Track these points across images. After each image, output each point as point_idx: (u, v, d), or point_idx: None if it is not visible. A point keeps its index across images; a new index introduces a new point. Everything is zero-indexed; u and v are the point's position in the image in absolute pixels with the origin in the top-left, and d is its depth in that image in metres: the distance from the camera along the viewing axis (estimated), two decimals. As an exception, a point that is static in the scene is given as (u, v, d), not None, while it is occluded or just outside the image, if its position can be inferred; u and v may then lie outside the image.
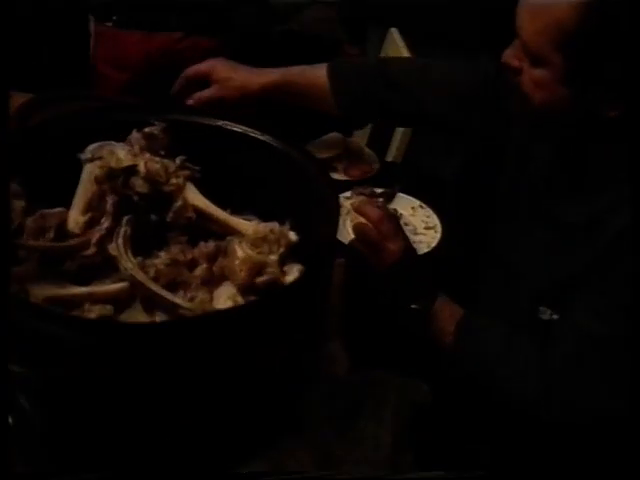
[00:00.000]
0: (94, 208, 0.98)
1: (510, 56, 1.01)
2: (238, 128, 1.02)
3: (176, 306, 0.90)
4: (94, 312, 0.88)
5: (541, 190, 1.10)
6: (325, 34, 2.65)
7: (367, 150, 1.55)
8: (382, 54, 1.85)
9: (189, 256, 1.01)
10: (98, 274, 0.97)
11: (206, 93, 1.27)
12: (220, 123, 1.03)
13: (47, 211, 0.95)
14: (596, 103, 0.97)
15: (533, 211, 1.12)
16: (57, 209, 0.97)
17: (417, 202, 1.42)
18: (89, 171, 0.99)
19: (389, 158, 1.72)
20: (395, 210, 1.40)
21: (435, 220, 1.38)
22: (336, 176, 1.45)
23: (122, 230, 0.95)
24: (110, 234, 0.95)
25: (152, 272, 0.95)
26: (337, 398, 0.99)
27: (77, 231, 0.96)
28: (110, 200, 0.95)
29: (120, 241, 0.94)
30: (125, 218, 0.96)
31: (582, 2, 0.92)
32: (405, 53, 1.71)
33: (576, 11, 0.93)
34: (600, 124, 0.99)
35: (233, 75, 1.25)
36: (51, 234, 0.94)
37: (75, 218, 0.97)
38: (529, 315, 1.08)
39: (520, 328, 1.04)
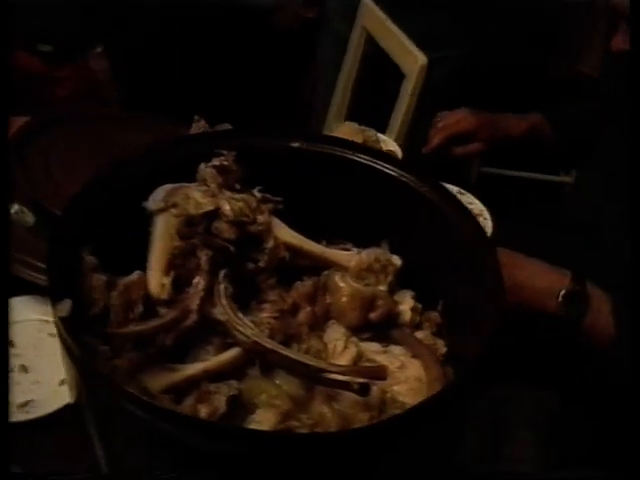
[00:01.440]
0: (177, 266, 0.83)
1: (620, 42, 1.00)
2: (318, 148, 0.89)
3: (301, 365, 0.78)
4: (222, 394, 0.74)
5: None
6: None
7: (383, 137, 1.44)
8: (358, 25, 1.73)
9: (289, 301, 0.88)
10: (192, 341, 0.84)
11: (475, 148, 1.28)
12: (296, 144, 0.89)
13: (128, 280, 0.79)
14: None
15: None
16: (135, 275, 0.81)
17: (455, 188, 1.33)
18: (164, 222, 0.83)
19: None
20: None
21: (480, 206, 1.30)
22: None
23: (221, 288, 0.81)
24: (208, 295, 0.81)
25: (266, 331, 0.82)
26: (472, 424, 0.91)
27: (164, 296, 0.81)
28: (204, 256, 0.80)
29: (225, 302, 0.80)
30: (222, 273, 0.82)
31: None
32: (389, 24, 1.60)
33: None
34: None
35: (495, 132, 1.28)
36: (139, 308, 0.78)
37: (158, 281, 0.81)
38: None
39: None
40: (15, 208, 1.06)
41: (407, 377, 0.83)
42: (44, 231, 1.04)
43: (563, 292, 0.95)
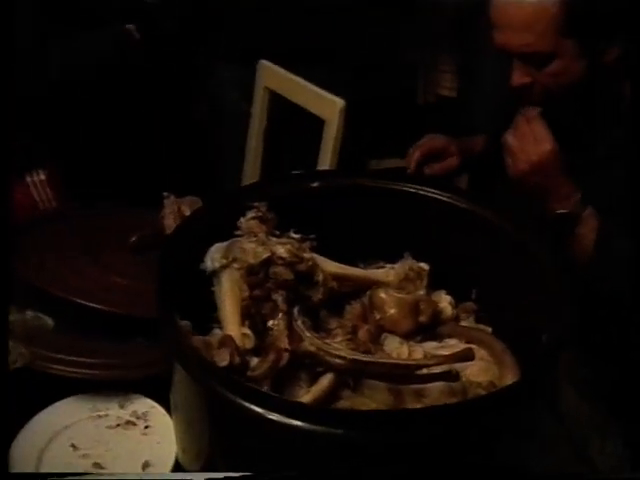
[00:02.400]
0: (251, 314, 0.87)
1: (519, 77, 1.09)
2: (332, 183, 0.98)
3: (402, 367, 0.84)
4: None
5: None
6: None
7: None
8: (260, 86, 1.82)
9: (349, 324, 0.95)
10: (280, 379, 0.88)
11: (452, 163, 1.34)
12: (315, 184, 0.98)
13: (220, 337, 0.82)
14: (600, 53, 1.08)
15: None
16: (218, 331, 0.85)
17: None
18: (229, 277, 0.87)
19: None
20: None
21: None
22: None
23: (300, 323, 0.86)
24: (291, 332, 0.86)
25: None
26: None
27: (251, 345, 0.85)
28: (280, 297, 0.85)
29: (309, 334, 0.85)
30: (296, 309, 0.87)
31: None
32: (295, 78, 1.72)
33: None
34: (602, 71, 1.10)
35: (462, 148, 1.36)
36: (237, 359, 0.81)
37: (239, 332, 0.85)
38: None
39: None
40: (30, 315, 1.03)
41: (471, 368, 0.92)
42: (67, 325, 1.02)
43: (577, 195, 1.08)
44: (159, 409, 0.98)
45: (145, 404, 0.99)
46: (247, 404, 0.65)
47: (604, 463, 0.88)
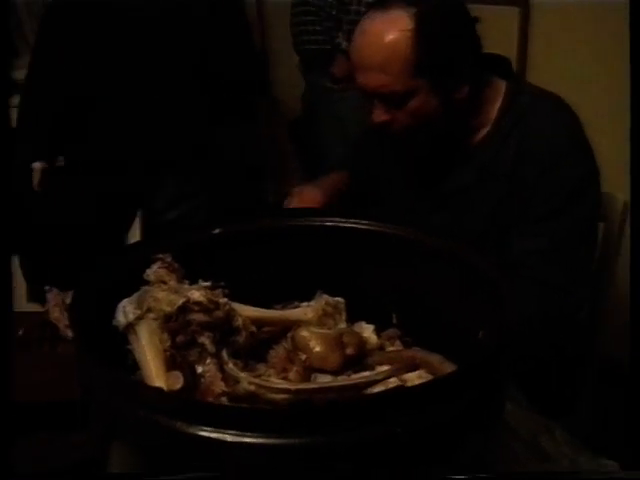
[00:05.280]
0: (176, 364, 0.78)
1: (379, 115, 1.15)
2: (233, 229, 0.94)
3: (351, 388, 0.78)
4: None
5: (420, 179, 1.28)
6: None
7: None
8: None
9: (279, 366, 0.88)
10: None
11: None
12: (217, 231, 0.93)
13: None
14: (452, 92, 1.16)
15: (422, 196, 1.28)
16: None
17: None
18: (147, 329, 0.78)
19: None
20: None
21: None
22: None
23: (232, 365, 0.79)
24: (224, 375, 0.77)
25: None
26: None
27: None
28: (207, 339, 0.77)
29: (244, 375, 0.78)
30: (224, 352, 0.80)
31: (409, 29, 1.10)
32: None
33: (410, 38, 1.10)
34: (454, 107, 1.18)
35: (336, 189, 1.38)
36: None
37: (170, 386, 0.75)
38: None
39: None
40: None
41: (411, 377, 0.89)
42: None
43: None
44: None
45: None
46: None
47: (555, 450, 0.87)
